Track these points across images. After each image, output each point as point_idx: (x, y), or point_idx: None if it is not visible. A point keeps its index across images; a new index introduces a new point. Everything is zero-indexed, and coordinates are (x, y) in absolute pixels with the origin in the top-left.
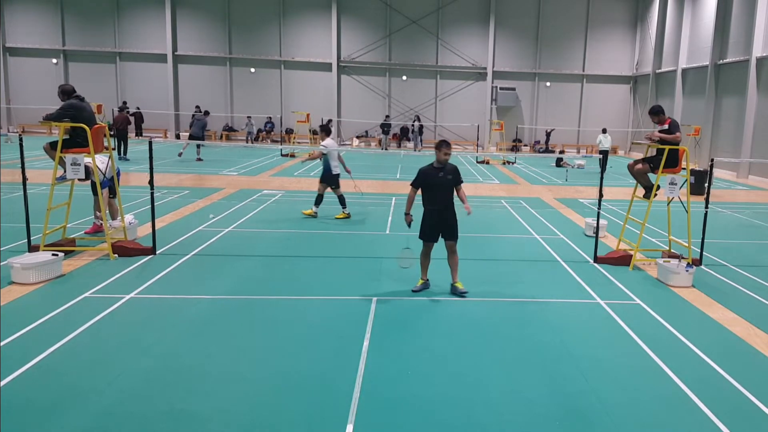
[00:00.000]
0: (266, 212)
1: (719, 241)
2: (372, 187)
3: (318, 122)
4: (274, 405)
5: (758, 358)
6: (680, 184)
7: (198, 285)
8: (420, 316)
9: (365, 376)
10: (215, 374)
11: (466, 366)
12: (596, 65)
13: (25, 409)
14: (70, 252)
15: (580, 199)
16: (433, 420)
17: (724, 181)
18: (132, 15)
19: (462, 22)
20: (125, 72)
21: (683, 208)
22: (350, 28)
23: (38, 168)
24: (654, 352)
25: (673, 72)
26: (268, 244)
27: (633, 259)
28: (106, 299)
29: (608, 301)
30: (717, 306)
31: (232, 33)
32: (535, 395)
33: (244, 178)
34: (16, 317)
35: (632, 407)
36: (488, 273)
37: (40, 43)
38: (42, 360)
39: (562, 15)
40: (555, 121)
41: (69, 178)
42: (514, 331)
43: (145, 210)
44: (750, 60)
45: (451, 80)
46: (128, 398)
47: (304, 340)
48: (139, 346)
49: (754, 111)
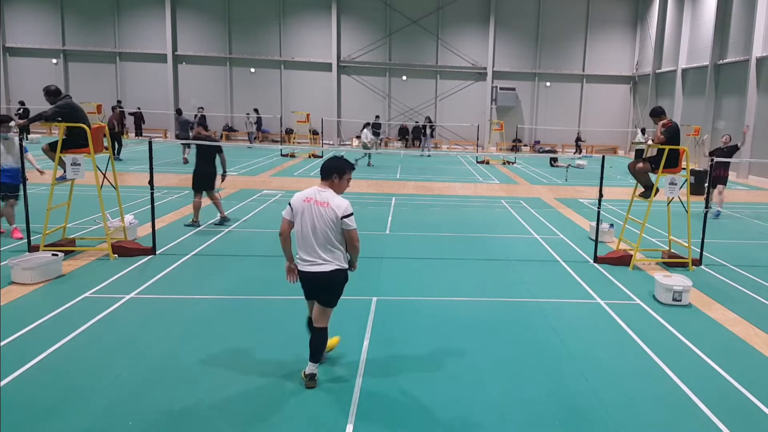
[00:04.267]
0: (266, 212)
1: (719, 241)
2: (372, 187)
3: (318, 122)
4: (274, 405)
5: (758, 358)
6: (680, 184)
7: (198, 285)
8: (420, 316)
9: (365, 376)
10: (215, 374)
11: (466, 366)
12: (596, 65)
13: (25, 409)
14: (70, 252)
15: (580, 199)
16: (433, 420)
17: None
18: (132, 15)
19: (462, 22)
20: (125, 72)
21: (683, 208)
22: (350, 28)
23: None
24: (654, 352)
25: (673, 72)
26: (268, 244)
27: (633, 259)
28: (105, 299)
29: (608, 301)
30: (717, 306)
31: (232, 33)
32: (535, 395)
33: (244, 178)
34: (16, 317)
35: (632, 407)
36: (488, 273)
37: (40, 43)
38: (42, 360)
39: (562, 15)
40: (555, 121)
41: (69, 178)
42: (514, 331)
43: (145, 210)
44: (750, 60)
45: (451, 80)
46: (128, 398)
47: (304, 340)
48: (139, 347)
49: (754, 111)
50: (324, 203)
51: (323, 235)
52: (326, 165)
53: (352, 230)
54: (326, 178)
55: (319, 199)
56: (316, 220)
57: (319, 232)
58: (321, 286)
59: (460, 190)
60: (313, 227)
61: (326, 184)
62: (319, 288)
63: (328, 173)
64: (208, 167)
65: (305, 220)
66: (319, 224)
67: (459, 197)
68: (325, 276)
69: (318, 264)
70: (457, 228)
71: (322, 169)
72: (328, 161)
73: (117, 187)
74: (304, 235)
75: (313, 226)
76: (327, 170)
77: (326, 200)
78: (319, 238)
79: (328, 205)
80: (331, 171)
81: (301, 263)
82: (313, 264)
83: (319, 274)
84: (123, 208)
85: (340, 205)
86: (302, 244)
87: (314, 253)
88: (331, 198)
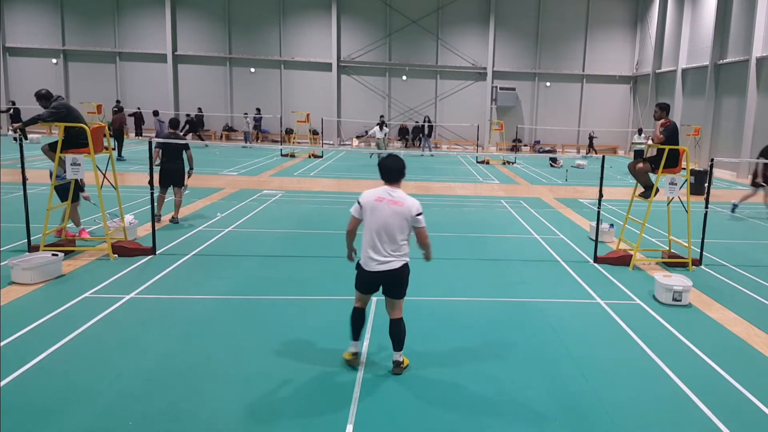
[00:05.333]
0: (266, 212)
1: (719, 241)
2: (372, 187)
3: (318, 122)
4: (274, 405)
5: (758, 358)
6: (680, 184)
7: (198, 285)
8: (420, 315)
9: (365, 376)
10: (215, 374)
11: (466, 366)
12: (596, 65)
13: (25, 409)
14: (70, 252)
15: (580, 199)
16: (433, 420)
17: (724, 181)
18: (132, 15)
19: (462, 22)
20: (125, 72)
21: (683, 208)
22: (350, 28)
23: (38, 168)
24: (654, 352)
25: (673, 72)
26: (268, 244)
27: (633, 259)
28: (106, 299)
29: (608, 301)
30: (717, 306)
31: (232, 33)
32: (535, 395)
33: (244, 178)
34: (16, 317)
35: (632, 407)
36: (488, 273)
37: (40, 43)
38: (42, 360)
39: (562, 15)
40: (555, 121)
41: (69, 178)
42: (513, 331)
43: (145, 210)
44: (750, 60)
45: (451, 80)
46: (128, 398)
47: (304, 340)
48: (139, 347)
49: (754, 111)
50: (398, 202)
51: (394, 232)
52: (393, 168)
53: (424, 227)
54: (396, 180)
55: (392, 198)
56: (389, 218)
57: (392, 229)
58: (394, 282)
59: (460, 190)
60: (385, 224)
61: (396, 185)
62: (392, 284)
63: (398, 176)
64: (174, 165)
65: (376, 218)
66: (393, 221)
67: (459, 197)
68: (397, 272)
69: (389, 262)
70: (457, 228)
71: (390, 171)
72: (391, 163)
73: (117, 187)
74: (374, 231)
75: (385, 224)
76: (396, 173)
77: (400, 199)
78: (390, 235)
79: (403, 204)
80: (399, 174)
81: (371, 262)
82: (384, 263)
83: (391, 272)
84: (123, 208)
85: (414, 204)
86: (370, 241)
87: (384, 251)
88: (405, 197)
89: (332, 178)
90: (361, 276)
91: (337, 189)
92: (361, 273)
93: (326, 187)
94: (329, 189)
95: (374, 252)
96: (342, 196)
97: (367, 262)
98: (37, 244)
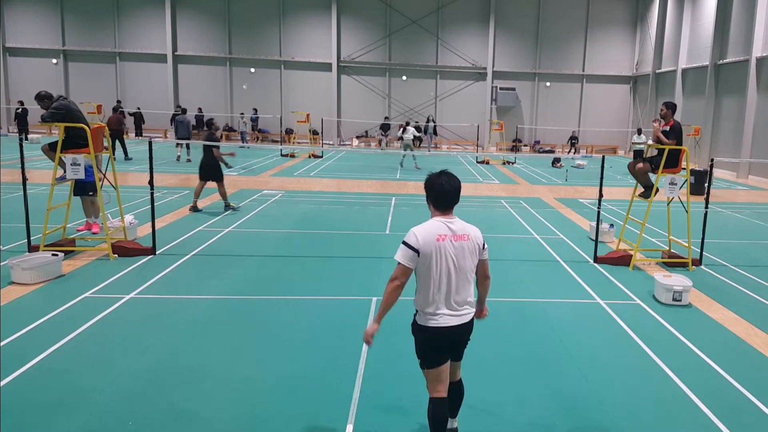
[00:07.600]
0: (266, 212)
1: (719, 241)
2: (372, 187)
3: (318, 122)
4: (274, 405)
5: (758, 358)
6: (680, 184)
7: (198, 285)
8: None
9: (365, 376)
10: (215, 374)
11: (466, 366)
12: (596, 65)
13: (25, 409)
14: (70, 252)
15: (580, 199)
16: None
17: (724, 181)
18: (132, 15)
19: (462, 22)
20: (125, 72)
21: (683, 208)
22: (350, 28)
23: (38, 168)
24: (654, 352)
25: (673, 72)
26: (268, 244)
27: (633, 259)
28: (106, 299)
29: (608, 301)
30: (717, 306)
31: (232, 33)
32: (535, 395)
33: (244, 178)
34: (16, 317)
35: (632, 408)
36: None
37: (40, 43)
38: (42, 360)
39: (562, 15)
40: (555, 121)
41: (69, 178)
42: (513, 331)
43: (145, 210)
44: (750, 60)
45: (451, 80)
46: (128, 398)
47: (304, 341)
48: (139, 346)
49: (754, 111)
50: (464, 236)
51: (467, 275)
52: (452, 190)
53: (487, 260)
54: (451, 206)
55: (455, 233)
56: (460, 259)
57: (464, 272)
58: (464, 338)
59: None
60: (457, 268)
61: (451, 213)
62: (461, 342)
63: (455, 199)
64: (213, 161)
65: (443, 264)
66: (463, 263)
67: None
68: (470, 325)
69: (465, 314)
70: None
71: (447, 195)
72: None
73: (117, 187)
74: (445, 281)
75: (456, 267)
76: (454, 196)
77: (463, 232)
78: (462, 280)
79: (469, 238)
80: (458, 196)
81: (442, 317)
82: (459, 315)
83: (466, 326)
84: (123, 208)
85: (478, 234)
86: (438, 293)
87: (457, 301)
88: (467, 228)
89: (332, 178)
90: (436, 339)
91: (337, 189)
92: (432, 337)
93: (326, 187)
94: (329, 189)
95: (444, 305)
96: (342, 196)
97: (431, 318)
98: (37, 244)
